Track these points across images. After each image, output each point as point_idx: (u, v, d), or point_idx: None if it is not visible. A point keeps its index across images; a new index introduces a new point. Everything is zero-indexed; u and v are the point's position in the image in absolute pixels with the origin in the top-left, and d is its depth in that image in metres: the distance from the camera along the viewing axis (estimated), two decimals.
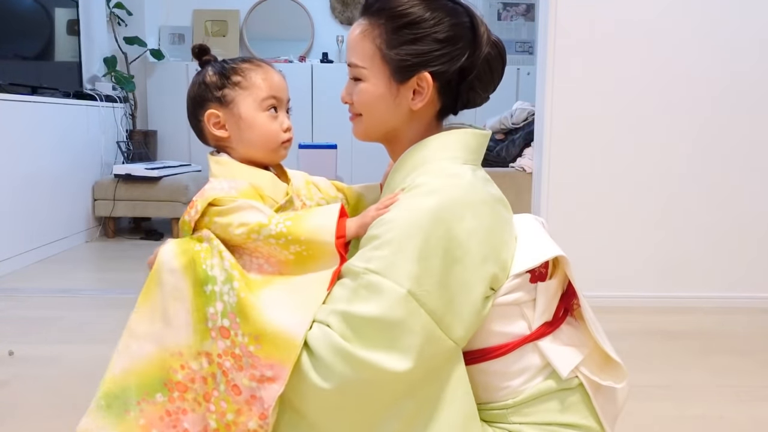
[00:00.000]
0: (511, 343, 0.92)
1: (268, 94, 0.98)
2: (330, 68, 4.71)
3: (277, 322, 0.82)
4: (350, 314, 0.81)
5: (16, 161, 3.10)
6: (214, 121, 0.99)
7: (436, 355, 0.83)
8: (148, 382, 0.86)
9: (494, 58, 0.94)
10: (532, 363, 0.93)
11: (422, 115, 0.97)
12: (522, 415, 0.92)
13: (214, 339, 0.84)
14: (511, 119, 3.26)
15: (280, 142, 1.00)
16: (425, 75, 0.91)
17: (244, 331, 0.83)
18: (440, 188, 0.86)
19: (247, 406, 0.83)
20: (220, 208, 0.90)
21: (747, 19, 2.44)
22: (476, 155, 0.97)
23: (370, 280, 0.82)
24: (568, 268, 0.95)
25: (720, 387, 1.79)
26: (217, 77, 1.00)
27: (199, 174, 4.25)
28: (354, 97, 0.98)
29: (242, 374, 0.83)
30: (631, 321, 2.36)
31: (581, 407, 0.93)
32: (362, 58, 0.94)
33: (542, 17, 2.55)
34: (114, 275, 3.02)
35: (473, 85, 0.94)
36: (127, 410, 0.86)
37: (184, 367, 0.86)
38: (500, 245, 0.90)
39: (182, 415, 0.86)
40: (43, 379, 1.79)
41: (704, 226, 2.53)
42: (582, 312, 0.98)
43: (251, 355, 0.82)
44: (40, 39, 3.60)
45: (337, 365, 0.80)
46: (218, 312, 0.84)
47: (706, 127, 2.50)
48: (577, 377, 0.93)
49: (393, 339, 0.80)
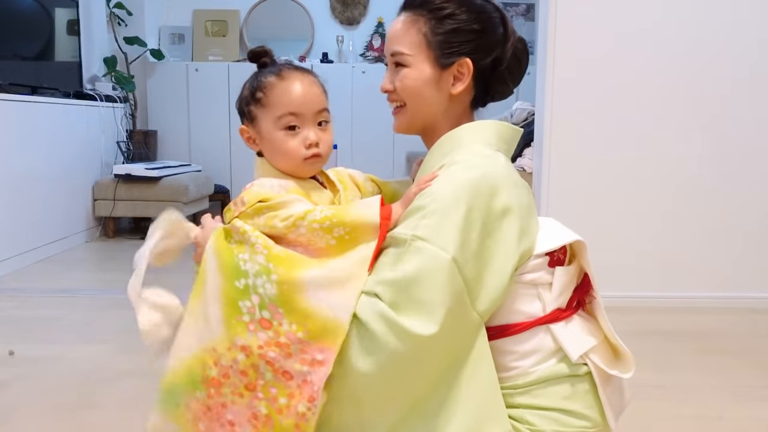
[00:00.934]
0: (525, 323, 0.95)
1: (284, 111, 0.96)
2: (330, 68, 4.71)
3: (323, 306, 0.84)
4: (395, 279, 0.85)
5: (16, 161, 3.10)
6: (246, 136, 1.02)
7: (461, 326, 0.87)
8: (191, 379, 0.89)
9: (521, 52, 1.04)
10: (544, 345, 0.95)
11: (458, 104, 1.03)
12: (529, 396, 0.94)
13: (252, 332, 0.85)
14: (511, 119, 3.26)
15: (301, 159, 0.98)
16: (466, 60, 0.99)
17: (291, 319, 0.84)
18: (479, 165, 0.92)
19: (298, 390, 0.84)
20: (269, 204, 0.92)
21: (747, 23, 2.44)
22: (508, 146, 1.03)
23: (418, 246, 0.86)
24: (586, 255, 0.99)
25: (719, 387, 1.79)
26: (248, 92, 1.01)
27: (199, 174, 4.25)
28: (397, 84, 1.02)
29: (292, 360, 0.84)
30: (630, 321, 2.37)
31: (587, 397, 0.95)
32: (408, 46, 1.00)
33: (542, 17, 2.55)
34: (114, 275, 3.03)
35: (504, 76, 1.03)
36: (178, 404, 0.90)
37: (217, 363, 0.88)
38: (532, 225, 0.96)
39: (222, 408, 0.88)
40: (43, 379, 1.79)
41: (703, 226, 2.53)
42: (595, 306, 1.01)
43: (300, 341, 0.84)
44: (40, 39, 3.60)
45: (383, 334, 0.83)
46: (255, 305, 0.86)
47: (706, 128, 2.50)
48: (587, 365, 0.95)
49: (426, 301, 0.84)
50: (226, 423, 0.89)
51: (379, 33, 4.97)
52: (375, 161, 4.59)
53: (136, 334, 0.93)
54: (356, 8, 5.00)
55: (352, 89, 4.66)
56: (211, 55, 4.83)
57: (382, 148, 4.69)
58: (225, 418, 0.89)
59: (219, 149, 4.63)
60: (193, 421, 0.90)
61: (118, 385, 1.75)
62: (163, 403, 0.91)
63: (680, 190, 2.51)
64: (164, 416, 0.91)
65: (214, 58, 4.81)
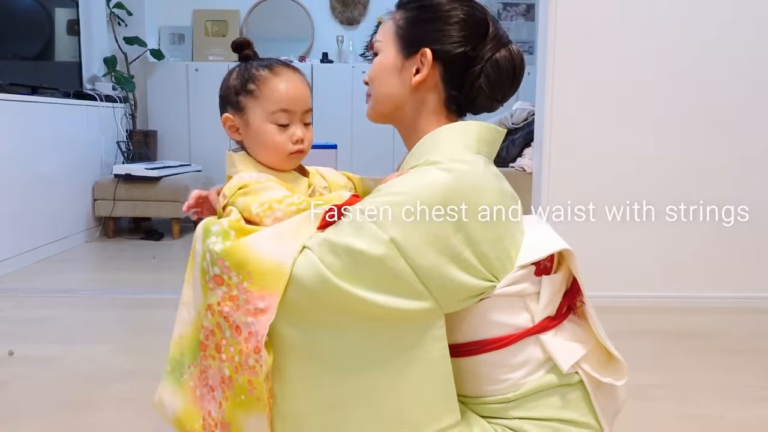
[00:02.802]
0: (514, 335, 0.93)
1: (277, 107, 0.99)
2: (330, 68, 4.71)
3: (265, 253, 0.85)
4: (333, 242, 0.85)
5: (16, 161, 3.10)
6: (230, 124, 1.03)
7: (412, 307, 0.85)
8: (193, 345, 0.92)
9: (505, 60, 0.98)
10: (533, 356, 0.93)
11: (426, 99, 1.01)
12: (523, 409, 0.93)
13: (212, 290, 0.87)
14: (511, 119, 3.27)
15: (287, 153, 1.01)
16: (426, 50, 0.98)
17: (236, 270, 0.85)
18: (452, 169, 0.90)
19: (246, 344, 0.84)
20: (246, 189, 0.94)
21: (749, 20, 2.44)
22: (490, 148, 1.01)
23: (356, 219, 0.86)
24: (574, 262, 0.96)
25: (720, 387, 1.79)
26: (237, 82, 1.02)
27: (199, 174, 4.25)
28: (369, 70, 1.06)
29: (240, 312, 0.85)
30: (631, 321, 2.37)
31: (581, 404, 0.94)
32: (381, 35, 1.04)
33: (542, 17, 2.55)
34: (114, 275, 3.03)
35: (478, 80, 0.98)
36: (182, 373, 0.93)
37: (202, 327, 0.90)
38: (503, 234, 0.92)
39: (207, 372, 0.90)
40: (43, 379, 1.79)
41: (703, 226, 2.53)
42: (585, 310, 0.98)
43: (245, 290, 0.84)
44: (40, 39, 3.60)
45: (317, 289, 0.84)
46: (208, 263, 0.87)
47: (707, 128, 2.50)
48: (578, 373, 0.94)
49: (365, 274, 0.84)
50: (209, 388, 0.90)
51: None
52: (375, 161, 4.59)
53: (136, 334, 0.93)
54: (356, 8, 5.00)
55: (352, 89, 4.66)
56: (211, 55, 4.83)
57: (382, 148, 4.68)
58: (208, 383, 0.90)
59: (219, 149, 4.63)
60: (192, 389, 0.92)
61: (118, 385, 1.75)
62: (170, 374, 0.93)
63: (680, 189, 2.51)
64: (168, 389, 0.94)
65: (214, 58, 4.81)
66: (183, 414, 0.94)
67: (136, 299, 2.54)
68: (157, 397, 0.97)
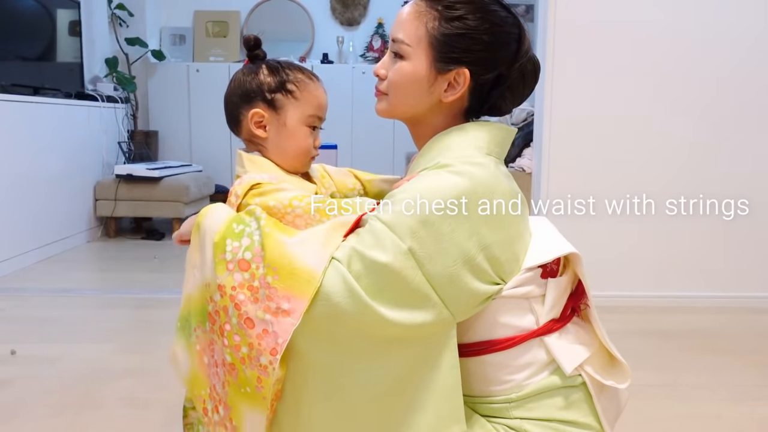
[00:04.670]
0: (518, 337, 0.92)
1: (314, 112, 1.02)
2: (330, 69, 4.72)
3: (300, 256, 0.83)
4: (361, 253, 0.82)
5: (18, 162, 3.11)
6: (257, 120, 1.02)
7: (429, 320, 0.84)
8: (200, 309, 0.90)
9: (529, 72, 0.97)
10: (537, 358, 0.93)
11: (449, 110, 0.98)
12: (525, 409, 0.93)
13: (230, 271, 0.84)
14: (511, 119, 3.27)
15: (310, 156, 1.04)
16: (464, 71, 0.93)
17: (266, 262, 0.83)
18: (464, 172, 0.88)
19: (257, 340, 0.81)
20: (261, 189, 0.93)
21: (749, 19, 2.45)
22: (501, 149, 0.98)
23: (375, 226, 0.83)
24: (580, 266, 0.97)
25: (718, 386, 1.79)
26: (272, 79, 1.02)
27: (199, 174, 4.26)
28: (390, 73, 0.97)
29: (257, 306, 0.82)
30: (630, 320, 2.37)
31: (583, 406, 0.94)
32: (410, 37, 0.94)
33: (542, 18, 2.55)
34: (115, 275, 3.03)
35: (504, 94, 0.97)
36: (190, 334, 0.92)
37: (212, 299, 0.88)
38: (514, 236, 0.92)
39: (213, 346, 0.89)
40: (44, 379, 1.80)
41: (703, 226, 2.53)
42: (589, 312, 0.99)
43: (269, 286, 0.82)
44: (41, 40, 3.61)
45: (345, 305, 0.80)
46: (242, 245, 0.85)
47: (706, 128, 2.50)
48: (581, 375, 0.94)
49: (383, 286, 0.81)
50: (214, 361, 0.89)
51: (379, 34, 4.98)
52: (375, 161, 4.60)
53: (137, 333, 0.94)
54: (356, 9, 5.00)
55: (352, 90, 4.67)
56: (212, 56, 4.85)
57: (382, 148, 4.69)
58: (214, 357, 0.89)
59: (220, 149, 4.64)
60: (200, 354, 0.91)
61: (118, 385, 1.76)
62: (181, 330, 0.93)
63: (680, 189, 2.51)
64: (181, 344, 0.93)
65: (214, 59, 4.82)
66: (192, 377, 0.93)
67: (137, 299, 2.54)
68: (171, 351, 0.95)
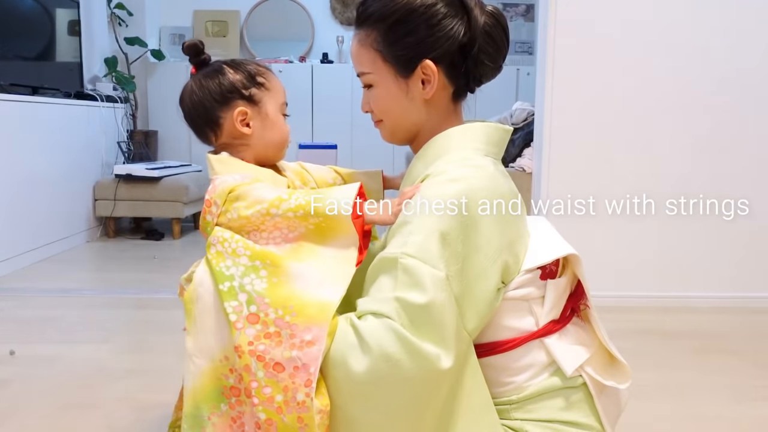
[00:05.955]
0: (518, 338, 0.93)
1: (283, 99, 1.07)
2: (330, 68, 4.72)
3: (307, 291, 0.84)
4: (402, 299, 0.80)
5: (17, 161, 3.11)
6: (242, 117, 1.03)
7: (458, 346, 0.83)
8: (211, 395, 0.88)
9: (493, 26, 0.95)
10: (537, 359, 0.93)
11: (437, 102, 0.98)
12: (525, 411, 0.93)
13: (240, 329, 0.84)
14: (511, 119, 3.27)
15: (288, 142, 1.07)
16: (427, 63, 0.93)
17: (276, 306, 0.83)
18: (463, 177, 0.88)
19: (291, 380, 0.81)
20: (237, 192, 0.92)
21: (748, 20, 2.44)
22: (497, 149, 0.99)
23: (407, 264, 0.81)
24: (579, 267, 0.97)
25: (718, 386, 1.79)
26: (241, 76, 1.04)
27: (199, 174, 4.25)
28: (371, 104, 1.01)
29: (282, 348, 0.82)
30: (629, 320, 2.37)
31: (584, 406, 0.94)
32: (366, 65, 0.97)
33: (542, 17, 2.55)
34: (114, 275, 3.03)
35: (479, 59, 0.95)
36: (204, 427, 0.88)
37: (233, 370, 0.86)
38: (515, 238, 0.92)
39: (242, 418, 0.87)
40: (44, 379, 1.79)
41: (703, 226, 2.53)
42: (589, 313, 0.99)
43: (289, 325, 0.82)
44: (41, 39, 3.60)
45: (397, 352, 0.78)
46: (242, 302, 0.85)
47: (706, 128, 2.50)
48: (581, 376, 0.94)
49: (440, 328, 0.80)
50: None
51: None
52: (375, 161, 4.59)
53: (137, 333, 0.92)
54: (356, 9, 5.00)
55: (352, 90, 4.67)
56: (212, 56, 4.83)
57: (382, 148, 4.69)
58: (245, 430, 0.87)
59: None
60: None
61: (118, 385, 1.75)
62: (191, 429, 0.89)
63: (679, 189, 2.51)
64: None
65: (214, 59, 4.81)
66: None
67: (136, 299, 2.54)
68: None
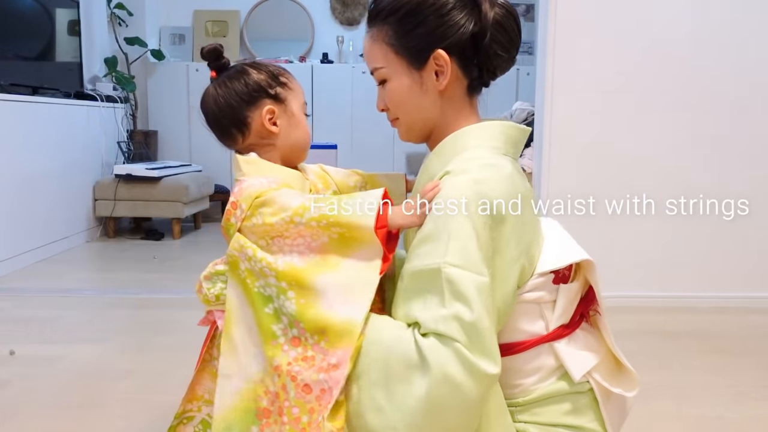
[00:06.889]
0: (528, 342, 0.92)
1: (304, 99, 1.08)
2: (330, 68, 4.71)
3: (334, 311, 0.84)
4: (456, 316, 0.78)
5: (17, 161, 3.11)
6: (270, 117, 1.03)
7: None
8: (244, 416, 0.88)
9: (504, 16, 0.94)
10: (546, 363, 0.93)
11: (452, 95, 0.97)
12: (530, 414, 0.93)
13: (285, 351, 0.86)
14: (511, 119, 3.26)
15: (310, 143, 1.08)
16: (440, 52, 0.93)
17: (311, 332, 0.84)
18: (487, 178, 0.86)
19: (317, 402, 0.83)
20: (264, 198, 0.91)
21: (748, 20, 2.44)
22: (515, 149, 0.98)
23: (452, 274, 0.80)
24: (593, 273, 0.96)
25: (718, 387, 1.79)
26: (265, 76, 1.04)
27: (199, 174, 4.25)
28: (386, 101, 1.00)
29: (312, 370, 0.83)
30: (630, 320, 2.37)
31: (589, 411, 0.94)
32: (380, 60, 0.97)
33: (542, 18, 2.55)
34: (114, 275, 3.03)
35: (491, 49, 0.94)
36: None
37: (267, 392, 0.87)
38: (532, 240, 0.91)
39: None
40: (44, 379, 1.79)
41: (703, 226, 2.53)
42: (598, 319, 0.98)
43: (323, 350, 0.84)
44: (40, 39, 3.60)
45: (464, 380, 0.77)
46: (286, 325, 0.86)
47: (706, 128, 2.50)
48: (589, 382, 0.94)
49: (487, 334, 0.79)
50: None
51: None
52: (375, 161, 4.59)
53: (137, 334, 0.92)
54: (356, 8, 5.00)
55: (352, 89, 4.66)
56: None
57: (382, 148, 4.69)
58: None
59: (219, 149, 4.55)
60: None
61: (118, 385, 1.75)
62: None
63: (679, 189, 2.51)
64: None
65: None
66: None
67: (136, 299, 2.54)
68: None
